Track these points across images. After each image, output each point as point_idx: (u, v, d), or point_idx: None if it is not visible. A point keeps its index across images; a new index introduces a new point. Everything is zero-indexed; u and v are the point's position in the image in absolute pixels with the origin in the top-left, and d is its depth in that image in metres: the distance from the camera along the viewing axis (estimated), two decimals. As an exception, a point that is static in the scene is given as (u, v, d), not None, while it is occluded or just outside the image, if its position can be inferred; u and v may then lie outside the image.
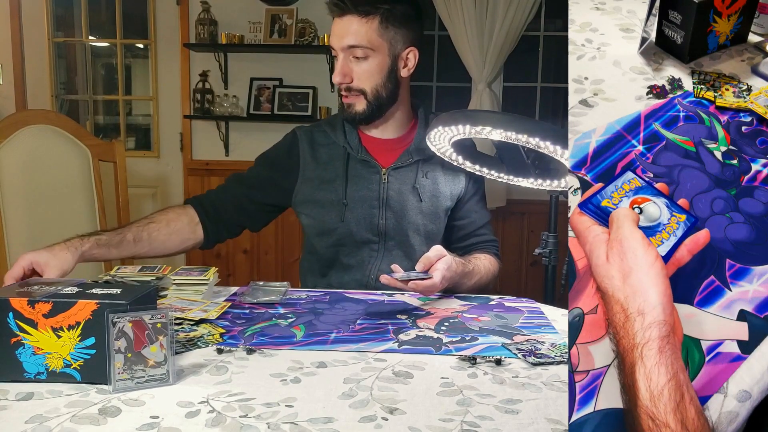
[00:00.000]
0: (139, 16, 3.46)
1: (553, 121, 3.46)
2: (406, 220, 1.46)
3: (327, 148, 1.49)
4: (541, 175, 1.31)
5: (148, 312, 0.82)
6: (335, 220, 1.44)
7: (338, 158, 1.47)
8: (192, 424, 0.72)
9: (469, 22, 3.10)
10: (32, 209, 1.80)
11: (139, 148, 3.62)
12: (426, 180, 1.48)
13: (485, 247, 1.54)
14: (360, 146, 1.47)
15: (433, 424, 0.73)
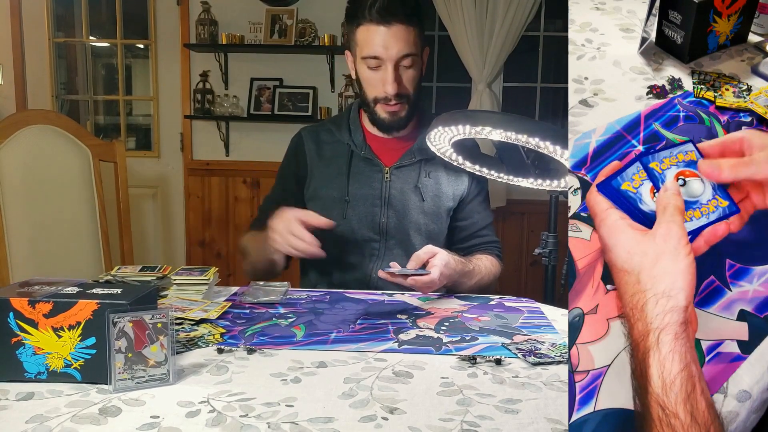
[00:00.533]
0: (140, 16, 3.46)
1: (553, 121, 3.47)
2: (407, 219, 1.46)
3: (331, 145, 1.50)
4: (541, 175, 1.31)
5: (148, 312, 0.82)
6: (337, 217, 1.45)
7: (342, 156, 1.48)
8: (192, 424, 0.72)
9: (469, 22, 3.10)
10: (32, 209, 1.80)
11: (139, 148, 3.62)
12: (428, 180, 1.48)
13: (487, 248, 1.54)
14: (364, 144, 1.48)
15: (433, 423, 0.73)
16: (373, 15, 1.32)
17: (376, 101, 1.41)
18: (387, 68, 1.36)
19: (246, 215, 3.42)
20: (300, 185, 1.52)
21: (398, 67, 1.36)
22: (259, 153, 3.37)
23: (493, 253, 1.54)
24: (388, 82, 1.36)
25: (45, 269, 1.78)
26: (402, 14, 1.32)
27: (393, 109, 1.41)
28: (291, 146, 1.56)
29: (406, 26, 1.34)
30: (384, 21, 1.32)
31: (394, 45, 1.34)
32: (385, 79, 1.36)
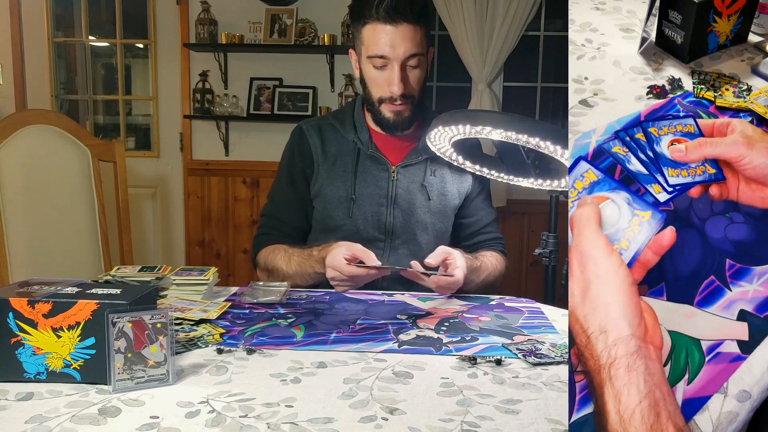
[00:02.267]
0: (139, 16, 3.45)
1: (553, 121, 3.46)
2: (414, 218, 1.46)
3: (336, 142, 1.48)
4: (541, 175, 1.31)
5: (148, 312, 0.82)
6: (342, 216, 1.44)
7: (348, 153, 1.47)
8: (192, 424, 0.72)
9: (469, 22, 3.10)
10: (32, 209, 1.80)
11: (139, 148, 3.62)
12: (434, 178, 1.48)
13: (492, 244, 1.55)
14: (370, 142, 1.47)
15: (433, 424, 0.73)
16: (380, 14, 1.32)
17: (381, 101, 1.41)
18: (393, 68, 1.35)
19: (246, 215, 3.42)
20: (307, 183, 1.50)
21: (404, 67, 1.36)
22: (259, 153, 3.36)
23: (497, 250, 1.54)
24: (394, 82, 1.36)
25: (44, 269, 1.78)
26: (409, 14, 1.32)
27: (398, 109, 1.41)
28: (294, 141, 1.52)
29: (413, 26, 1.33)
30: (391, 20, 1.32)
31: (401, 44, 1.33)
32: (392, 79, 1.36)
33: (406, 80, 1.37)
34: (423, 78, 1.41)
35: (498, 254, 1.52)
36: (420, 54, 1.36)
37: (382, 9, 1.31)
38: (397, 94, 1.37)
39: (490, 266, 1.44)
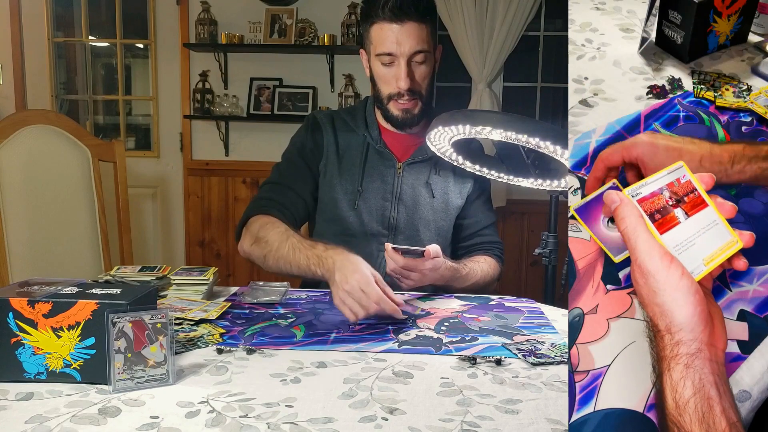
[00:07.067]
0: (139, 16, 3.45)
1: (553, 121, 3.46)
2: (417, 215, 1.47)
3: (346, 135, 1.50)
4: (541, 175, 1.31)
5: (148, 312, 0.82)
6: (347, 208, 1.45)
7: (357, 147, 1.48)
8: (192, 424, 0.72)
9: (469, 22, 3.10)
10: (32, 209, 1.80)
11: (139, 148, 3.62)
12: (439, 177, 1.50)
13: (488, 248, 1.55)
14: (380, 138, 1.49)
15: (433, 424, 0.73)
16: (386, 13, 1.35)
17: (390, 98, 1.42)
18: (400, 64, 1.37)
19: (246, 215, 3.42)
20: (316, 164, 1.50)
21: (411, 63, 1.38)
22: (259, 153, 3.36)
23: (493, 254, 1.53)
24: (401, 77, 1.38)
25: (44, 269, 1.78)
26: (414, 12, 1.35)
27: (406, 106, 1.42)
28: (307, 126, 1.52)
29: (418, 24, 1.36)
30: (397, 19, 1.35)
31: (406, 41, 1.36)
32: (398, 75, 1.38)
33: (412, 76, 1.39)
34: (430, 74, 1.43)
35: (492, 259, 1.52)
36: (426, 51, 1.38)
37: (388, 8, 1.34)
38: (404, 89, 1.39)
39: (480, 273, 1.44)
